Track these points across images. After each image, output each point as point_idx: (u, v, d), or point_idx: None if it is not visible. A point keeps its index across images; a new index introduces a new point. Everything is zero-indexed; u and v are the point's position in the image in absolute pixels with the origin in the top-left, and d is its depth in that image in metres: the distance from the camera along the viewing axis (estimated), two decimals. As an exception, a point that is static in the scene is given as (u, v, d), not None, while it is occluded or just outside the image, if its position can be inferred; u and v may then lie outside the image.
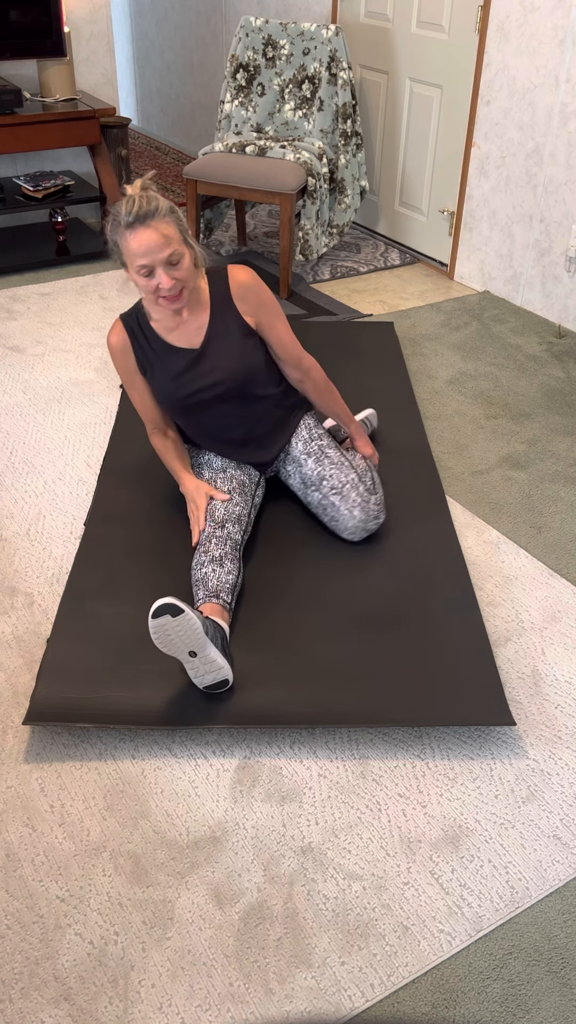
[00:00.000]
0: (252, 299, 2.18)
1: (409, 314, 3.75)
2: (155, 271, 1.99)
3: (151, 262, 1.97)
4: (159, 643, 1.74)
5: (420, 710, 1.82)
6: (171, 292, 2.02)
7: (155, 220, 1.95)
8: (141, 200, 1.94)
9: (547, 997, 1.41)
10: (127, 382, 2.26)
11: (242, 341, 2.19)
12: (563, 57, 3.30)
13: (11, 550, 2.30)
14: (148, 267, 1.98)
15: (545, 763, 1.78)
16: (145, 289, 2.03)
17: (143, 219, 1.94)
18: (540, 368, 3.34)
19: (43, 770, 1.74)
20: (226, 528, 2.10)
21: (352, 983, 1.41)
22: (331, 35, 3.81)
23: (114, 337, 2.21)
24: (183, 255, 2.00)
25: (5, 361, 3.25)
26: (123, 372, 2.25)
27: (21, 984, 1.40)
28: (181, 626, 1.72)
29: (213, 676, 1.81)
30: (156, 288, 2.01)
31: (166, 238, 1.96)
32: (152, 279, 2.00)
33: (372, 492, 2.25)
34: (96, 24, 4.32)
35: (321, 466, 2.26)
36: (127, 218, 1.94)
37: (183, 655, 1.77)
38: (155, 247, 1.95)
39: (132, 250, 1.97)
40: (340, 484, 2.23)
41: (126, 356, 2.22)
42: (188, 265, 2.02)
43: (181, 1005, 1.38)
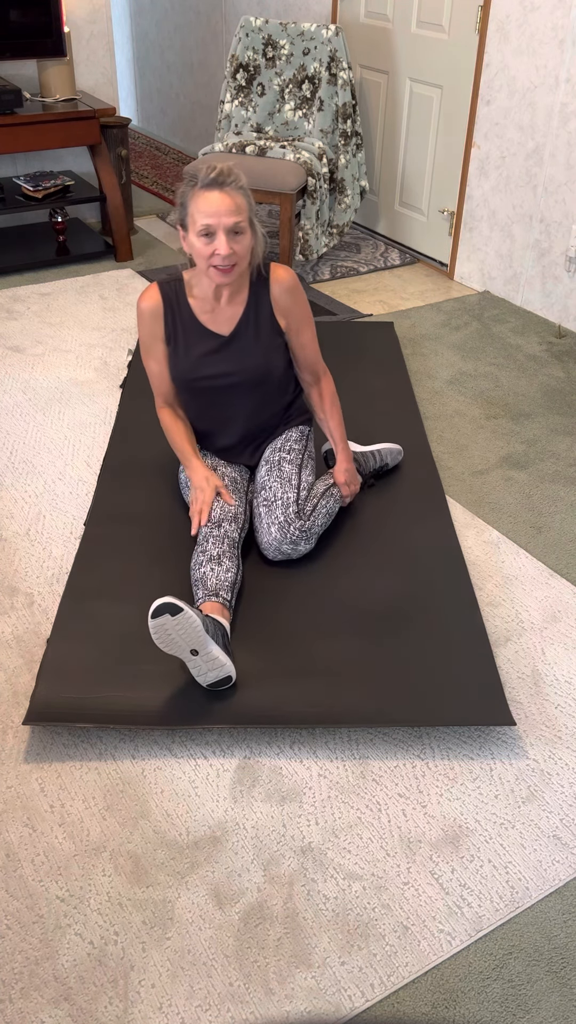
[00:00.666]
0: (288, 300, 2.20)
1: (409, 314, 3.75)
2: (216, 235, 1.99)
3: (216, 224, 1.97)
4: (160, 643, 1.74)
5: (420, 710, 1.82)
6: (225, 262, 2.01)
7: (231, 188, 1.98)
8: (223, 168, 1.98)
9: (547, 997, 1.41)
10: (147, 347, 2.22)
11: (270, 339, 2.21)
12: (563, 57, 3.30)
13: (11, 550, 2.30)
14: (211, 229, 1.98)
15: (545, 763, 1.78)
16: (200, 254, 2.02)
17: (220, 183, 1.97)
18: (540, 368, 3.34)
19: (43, 770, 1.74)
20: (223, 527, 2.10)
21: (352, 983, 1.41)
22: (331, 35, 3.81)
23: (147, 299, 2.17)
24: (246, 232, 2.02)
25: (5, 361, 3.25)
26: (147, 336, 2.20)
27: (21, 984, 1.40)
28: (181, 625, 1.72)
29: (216, 673, 1.81)
30: (212, 255, 2.01)
31: (237, 207, 1.98)
32: (211, 243, 2.00)
33: (300, 518, 2.16)
34: (96, 24, 4.32)
35: (269, 476, 2.23)
36: (205, 178, 1.97)
37: (185, 654, 1.77)
38: (224, 210, 1.97)
39: (200, 208, 1.97)
40: (273, 498, 2.19)
41: (155, 320, 2.18)
42: (248, 245, 2.04)
43: (181, 1005, 1.38)
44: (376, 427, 2.83)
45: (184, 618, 1.71)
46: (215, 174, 1.96)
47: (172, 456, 2.62)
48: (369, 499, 2.47)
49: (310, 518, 2.18)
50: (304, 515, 2.17)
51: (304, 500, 2.20)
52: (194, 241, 2.01)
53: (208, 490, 2.16)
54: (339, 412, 2.35)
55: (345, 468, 2.34)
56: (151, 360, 2.24)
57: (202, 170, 1.97)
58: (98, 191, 4.14)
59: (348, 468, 2.35)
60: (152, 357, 2.23)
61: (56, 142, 3.83)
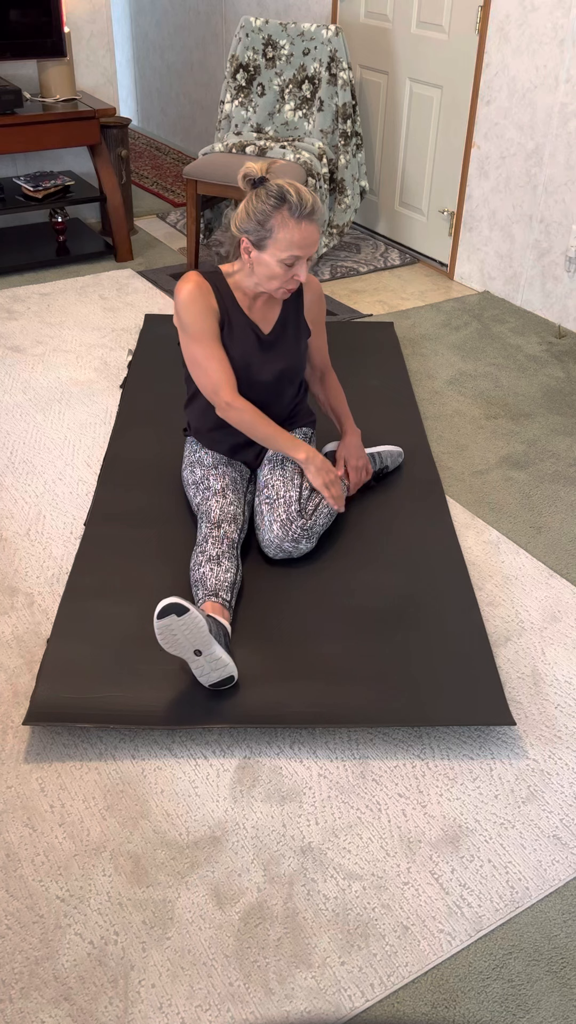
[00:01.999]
0: (317, 306, 2.32)
1: (409, 314, 3.75)
2: (300, 263, 2.07)
3: (304, 255, 2.05)
4: (164, 644, 1.74)
5: (420, 710, 1.82)
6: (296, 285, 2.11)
7: (316, 216, 2.05)
8: (313, 196, 2.04)
9: (547, 997, 1.41)
10: (201, 331, 2.12)
11: (300, 341, 2.29)
12: (563, 57, 3.30)
13: (11, 550, 2.30)
14: (297, 259, 2.05)
15: (545, 763, 1.78)
16: (276, 276, 2.08)
17: (311, 215, 2.03)
18: (540, 368, 3.34)
19: (43, 770, 1.74)
20: (222, 528, 2.10)
21: (352, 983, 1.41)
22: (331, 35, 3.81)
23: (191, 280, 2.13)
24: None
25: (5, 361, 3.25)
26: (199, 317, 2.11)
27: (21, 984, 1.40)
28: (186, 625, 1.72)
29: (219, 673, 1.81)
30: (290, 279, 2.08)
31: (319, 238, 2.07)
32: (291, 270, 2.07)
33: (302, 516, 2.17)
34: (96, 24, 4.32)
35: (272, 474, 2.24)
36: (302, 209, 2.01)
37: (188, 654, 1.77)
38: (313, 243, 2.05)
39: (294, 240, 2.02)
40: (275, 496, 2.20)
41: (207, 297, 2.13)
42: None
43: (181, 1005, 1.38)
44: (376, 427, 2.83)
45: (190, 618, 1.72)
46: (310, 208, 2.02)
47: (172, 456, 2.62)
48: (369, 499, 2.47)
49: (312, 517, 2.19)
50: (306, 514, 2.18)
51: (306, 499, 2.20)
52: (271, 263, 2.06)
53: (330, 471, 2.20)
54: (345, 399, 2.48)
55: (356, 443, 2.40)
56: (209, 345, 2.13)
57: (291, 195, 2.00)
58: (98, 191, 4.14)
59: (359, 444, 2.41)
60: (211, 342, 2.13)
61: (56, 142, 3.84)
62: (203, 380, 2.16)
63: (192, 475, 2.29)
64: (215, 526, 2.10)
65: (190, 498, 2.28)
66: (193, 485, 2.27)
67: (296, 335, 2.28)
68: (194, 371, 2.17)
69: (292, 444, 2.18)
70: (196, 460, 2.31)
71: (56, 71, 3.89)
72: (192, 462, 2.32)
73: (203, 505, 2.18)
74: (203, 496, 2.21)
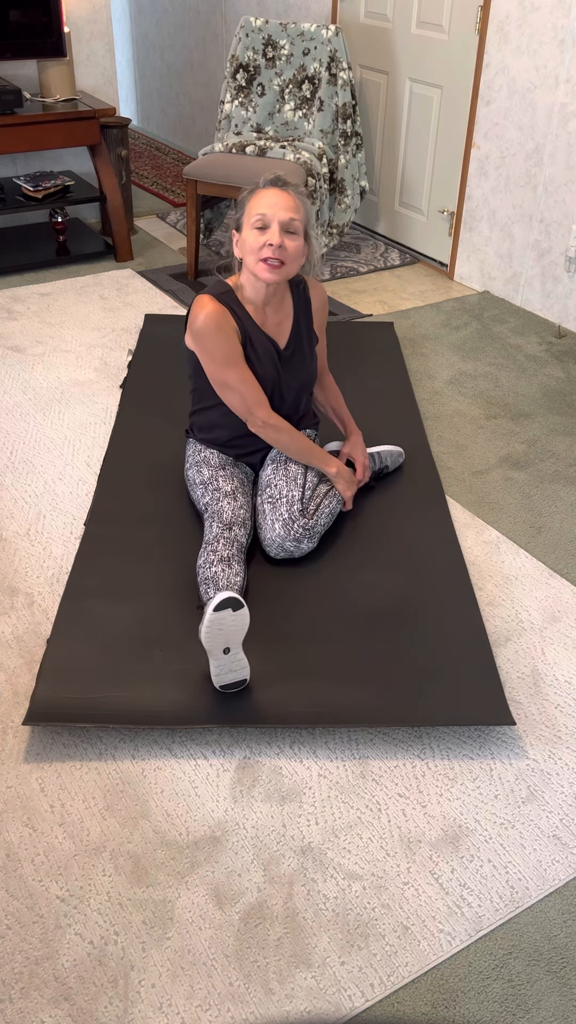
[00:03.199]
0: (323, 314, 2.32)
1: (409, 314, 3.75)
2: (271, 226, 2.01)
3: (271, 215, 2.00)
4: (207, 636, 1.74)
5: (420, 710, 1.82)
6: (275, 254, 2.02)
7: (291, 190, 2.04)
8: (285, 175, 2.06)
9: (547, 997, 1.41)
10: (228, 355, 2.11)
11: (312, 350, 2.30)
12: (563, 57, 3.30)
13: (11, 550, 2.30)
14: (266, 220, 2.01)
15: (545, 763, 1.78)
16: (251, 247, 2.04)
17: (282, 184, 2.03)
18: (540, 368, 3.34)
19: (43, 770, 1.74)
20: (233, 530, 2.11)
21: (352, 983, 1.41)
22: (331, 35, 3.81)
23: (208, 307, 2.09)
24: (300, 237, 2.06)
25: (5, 361, 3.25)
26: (226, 342, 2.10)
27: (21, 984, 1.40)
28: (237, 621, 1.74)
29: (235, 675, 1.81)
30: (263, 246, 2.02)
31: (295, 205, 2.03)
32: (263, 234, 2.02)
33: (304, 516, 2.18)
34: (96, 24, 4.32)
35: (275, 474, 2.25)
36: (267, 179, 2.03)
37: (218, 651, 1.77)
38: (282, 204, 2.01)
39: (259, 200, 2.01)
40: (278, 495, 2.20)
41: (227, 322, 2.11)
42: (299, 248, 2.07)
43: (181, 1005, 1.38)
44: (376, 427, 2.83)
45: (243, 615, 1.74)
46: (275, 176, 2.03)
47: (172, 456, 2.62)
48: (369, 499, 2.47)
49: (313, 516, 2.20)
50: (308, 513, 2.19)
51: (308, 499, 2.21)
52: (247, 235, 2.04)
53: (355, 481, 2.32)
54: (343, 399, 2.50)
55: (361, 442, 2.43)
56: (238, 367, 2.14)
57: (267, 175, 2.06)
58: (98, 191, 4.14)
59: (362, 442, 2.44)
60: (238, 366, 2.14)
61: (56, 142, 3.83)
62: (236, 402, 2.18)
63: (199, 475, 2.29)
64: (227, 527, 2.10)
65: (196, 497, 2.28)
66: (201, 485, 2.27)
67: (310, 344, 2.29)
68: (225, 394, 2.18)
69: (324, 459, 2.27)
70: (202, 460, 2.31)
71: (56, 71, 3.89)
72: (198, 461, 2.32)
73: (213, 506, 2.18)
74: (212, 496, 2.21)
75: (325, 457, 2.27)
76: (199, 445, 2.36)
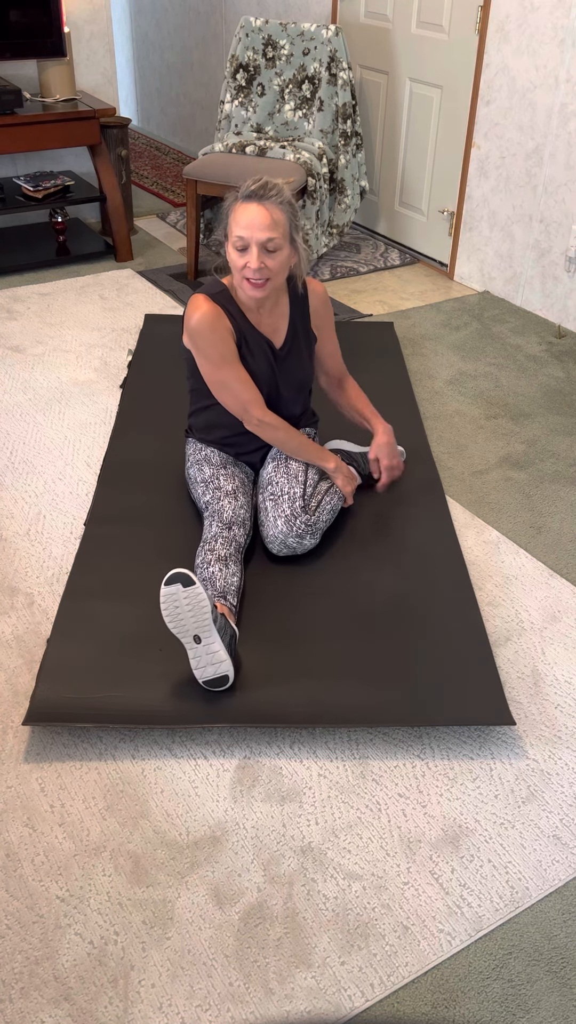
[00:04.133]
0: (323, 313, 2.28)
1: (409, 314, 3.75)
2: (250, 248, 1.99)
3: (249, 238, 1.98)
4: (168, 616, 1.74)
5: (420, 710, 1.82)
6: (256, 275, 2.01)
7: (270, 202, 1.98)
8: (266, 181, 1.99)
9: (547, 997, 1.41)
10: (223, 355, 2.12)
11: (309, 350, 2.29)
12: (563, 57, 3.30)
13: (11, 550, 2.30)
14: (245, 243, 1.98)
15: (545, 763, 1.78)
16: (234, 265, 2.03)
17: (259, 196, 1.97)
18: (540, 368, 3.34)
19: (43, 770, 1.74)
20: (232, 530, 2.11)
21: (352, 983, 1.41)
22: (331, 35, 3.81)
23: (202, 308, 2.09)
24: (282, 248, 2.02)
25: (5, 361, 3.25)
26: (220, 342, 2.11)
27: (21, 984, 1.40)
28: (191, 599, 1.72)
29: (214, 669, 1.81)
30: (244, 267, 2.01)
31: (274, 222, 1.98)
32: (244, 256, 2.00)
33: (306, 512, 2.18)
34: (96, 24, 4.32)
35: (276, 472, 2.25)
36: (245, 190, 1.98)
37: (188, 639, 1.77)
38: (259, 225, 1.97)
39: (237, 220, 1.98)
40: (280, 492, 2.20)
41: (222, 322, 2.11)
42: (283, 261, 2.04)
43: (181, 1005, 1.38)
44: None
45: (194, 592, 1.73)
46: (256, 187, 1.97)
47: (172, 456, 2.62)
48: (369, 499, 2.47)
49: (315, 513, 2.20)
50: (310, 510, 2.19)
51: (310, 495, 2.21)
52: (230, 252, 2.03)
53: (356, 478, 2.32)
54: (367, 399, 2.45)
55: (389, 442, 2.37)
56: (233, 367, 2.14)
57: (247, 182, 1.99)
58: (98, 191, 4.14)
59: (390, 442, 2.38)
60: (234, 365, 2.14)
61: (56, 142, 3.83)
62: (231, 401, 2.18)
63: (200, 473, 2.29)
64: (227, 527, 2.11)
65: (197, 496, 2.28)
66: (202, 483, 2.27)
67: (307, 344, 2.28)
68: (220, 393, 2.18)
69: (321, 455, 2.27)
70: (203, 458, 2.31)
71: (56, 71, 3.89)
72: (199, 460, 2.32)
73: (214, 504, 2.18)
74: (214, 495, 2.21)
75: (323, 454, 2.26)
76: (199, 444, 2.36)
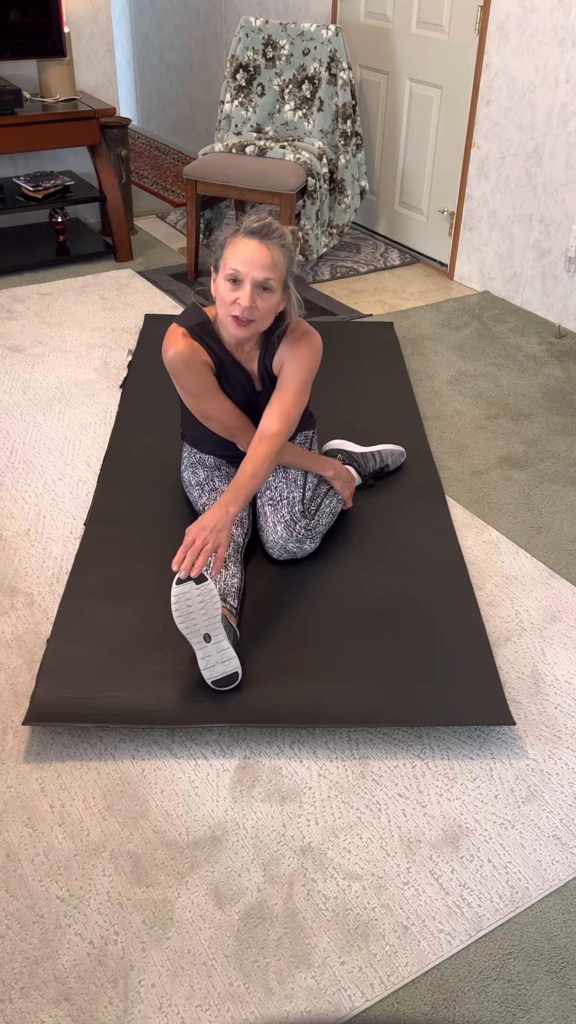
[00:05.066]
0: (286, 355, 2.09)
1: (409, 314, 3.75)
2: (243, 284, 1.92)
3: (245, 272, 1.91)
4: (179, 615, 1.74)
5: (420, 710, 1.82)
6: (244, 314, 1.94)
7: (272, 243, 1.93)
8: (270, 221, 1.94)
9: (547, 997, 1.41)
10: (202, 389, 2.09)
11: None
12: (563, 57, 3.30)
13: (11, 550, 2.30)
14: (239, 276, 1.92)
15: (545, 763, 1.78)
16: (223, 299, 1.96)
17: (262, 235, 1.92)
18: (540, 368, 3.34)
19: (43, 770, 1.74)
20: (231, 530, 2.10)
21: (352, 983, 1.41)
22: (331, 35, 3.81)
23: (178, 344, 2.03)
24: (275, 294, 1.96)
25: (5, 361, 3.25)
26: (197, 377, 2.06)
27: (21, 984, 1.40)
28: (203, 596, 1.73)
29: (224, 668, 1.81)
30: (233, 302, 1.93)
31: (273, 262, 1.92)
32: (236, 291, 1.93)
33: (306, 517, 2.17)
34: (96, 24, 4.32)
35: (275, 476, 2.25)
36: (250, 226, 1.92)
37: (198, 638, 1.77)
38: (258, 263, 1.90)
39: (236, 252, 1.91)
40: (279, 497, 2.20)
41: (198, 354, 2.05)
42: (273, 305, 1.97)
43: (181, 1005, 1.38)
44: (376, 427, 2.83)
45: (207, 589, 1.73)
46: (259, 225, 1.92)
47: (172, 456, 2.62)
48: (369, 499, 2.47)
49: (315, 517, 2.19)
50: (309, 514, 2.19)
51: (309, 500, 2.21)
52: (220, 285, 1.96)
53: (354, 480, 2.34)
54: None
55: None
56: (213, 398, 2.10)
57: (250, 220, 1.94)
58: (98, 191, 4.14)
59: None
60: (214, 398, 2.10)
61: (56, 142, 3.83)
62: (218, 428, 2.18)
63: (195, 476, 2.29)
64: None
65: (193, 499, 2.28)
66: (197, 487, 2.27)
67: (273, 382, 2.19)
68: (207, 422, 2.17)
69: (319, 463, 2.25)
70: (198, 461, 2.31)
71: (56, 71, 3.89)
72: (194, 463, 2.32)
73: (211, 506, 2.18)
74: (210, 497, 2.21)
75: (321, 461, 2.25)
76: (193, 448, 2.36)
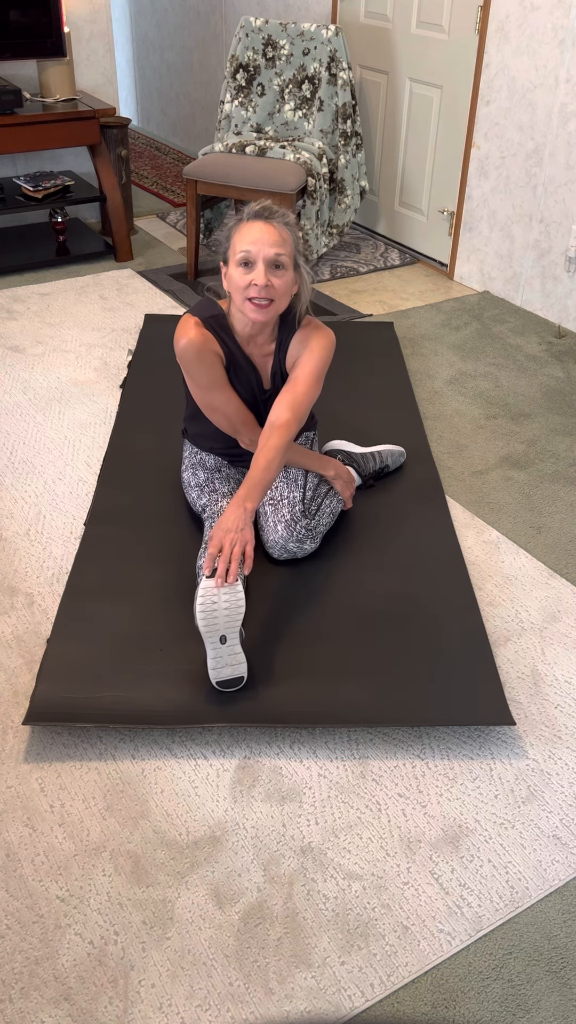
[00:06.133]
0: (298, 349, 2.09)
1: (409, 314, 3.75)
2: (256, 264, 1.90)
3: (256, 252, 1.89)
4: (203, 613, 1.73)
5: (420, 710, 1.82)
6: (262, 294, 1.91)
7: (277, 221, 1.93)
8: (271, 203, 1.94)
9: (547, 997, 1.41)
10: (210, 380, 2.06)
11: None
12: (563, 57, 3.30)
13: (11, 550, 2.30)
14: (251, 257, 1.90)
15: (545, 763, 1.78)
16: (237, 285, 1.93)
17: (265, 216, 1.92)
18: (540, 368, 3.34)
19: (43, 770, 1.74)
20: None
21: (352, 983, 1.41)
22: (331, 35, 3.81)
23: (190, 332, 2.01)
24: (288, 272, 1.95)
25: (5, 361, 3.25)
26: (207, 367, 2.04)
27: (21, 984, 1.40)
28: (230, 600, 1.72)
29: (232, 670, 1.81)
30: (248, 285, 1.91)
31: (282, 239, 1.92)
32: (249, 273, 1.91)
33: (307, 517, 2.17)
34: (96, 24, 4.32)
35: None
36: (251, 211, 1.92)
37: (215, 638, 1.77)
38: (267, 239, 1.90)
39: (243, 235, 1.90)
40: (280, 497, 2.19)
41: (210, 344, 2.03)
42: (288, 283, 1.96)
43: (181, 1005, 1.38)
44: (376, 427, 2.83)
45: (235, 591, 1.73)
46: (260, 207, 1.92)
47: (172, 456, 2.62)
48: (369, 499, 2.47)
49: (315, 517, 2.19)
50: (310, 514, 2.18)
51: (310, 500, 2.21)
52: (233, 272, 1.94)
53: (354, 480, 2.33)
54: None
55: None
56: (220, 390, 2.08)
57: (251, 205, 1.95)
58: (98, 191, 4.14)
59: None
60: (222, 390, 2.09)
61: (56, 142, 3.83)
62: (222, 422, 2.16)
63: (195, 477, 2.29)
64: None
65: (193, 500, 2.28)
66: (197, 487, 2.27)
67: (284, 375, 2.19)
68: (211, 414, 2.15)
69: (320, 463, 2.25)
70: (198, 462, 2.31)
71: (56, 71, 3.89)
72: (194, 464, 2.32)
73: (212, 507, 2.18)
74: (211, 498, 2.21)
75: (322, 461, 2.25)
76: (194, 447, 2.35)
